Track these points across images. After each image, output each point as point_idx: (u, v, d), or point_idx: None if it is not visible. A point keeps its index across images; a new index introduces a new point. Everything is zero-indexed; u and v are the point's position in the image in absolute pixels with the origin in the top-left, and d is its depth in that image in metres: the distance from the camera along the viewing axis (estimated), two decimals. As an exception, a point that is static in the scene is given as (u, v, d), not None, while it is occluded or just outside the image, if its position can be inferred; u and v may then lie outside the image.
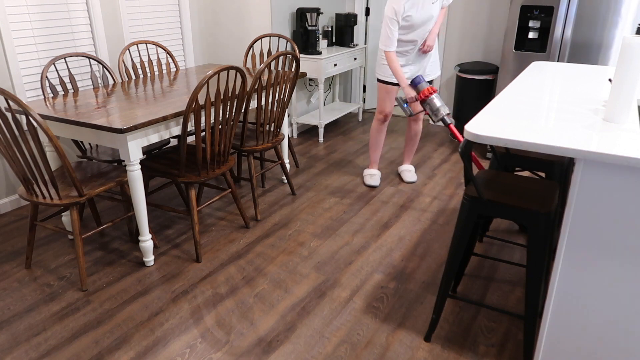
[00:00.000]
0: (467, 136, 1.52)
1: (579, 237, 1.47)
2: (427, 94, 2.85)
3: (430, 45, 3.11)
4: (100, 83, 3.54)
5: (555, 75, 2.40)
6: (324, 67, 4.19)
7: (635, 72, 1.50)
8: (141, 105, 2.50)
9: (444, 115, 2.82)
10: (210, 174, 2.56)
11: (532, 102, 1.86)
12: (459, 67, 4.25)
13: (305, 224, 2.95)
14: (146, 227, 2.47)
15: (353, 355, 1.93)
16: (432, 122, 2.89)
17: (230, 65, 2.37)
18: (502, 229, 2.88)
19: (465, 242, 1.81)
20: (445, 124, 2.84)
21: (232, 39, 4.28)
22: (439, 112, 2.84)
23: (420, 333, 2.05)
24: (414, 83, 2.92)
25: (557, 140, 1.42)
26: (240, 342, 2.00)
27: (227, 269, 2.51)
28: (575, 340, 1.60)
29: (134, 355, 1.93)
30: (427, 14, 2.97)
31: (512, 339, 2.01)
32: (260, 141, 2.97)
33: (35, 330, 2.08)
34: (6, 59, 2.93)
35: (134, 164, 2.31)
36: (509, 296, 2.27)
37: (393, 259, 2.59)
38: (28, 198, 2.26)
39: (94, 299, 2.28)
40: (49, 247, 2.72)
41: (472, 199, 1.74)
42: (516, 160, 2.21)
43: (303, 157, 4.07)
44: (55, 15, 3.16)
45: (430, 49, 3.12)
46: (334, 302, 2.25)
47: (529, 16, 3.47)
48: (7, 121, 1.99)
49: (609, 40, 3.31)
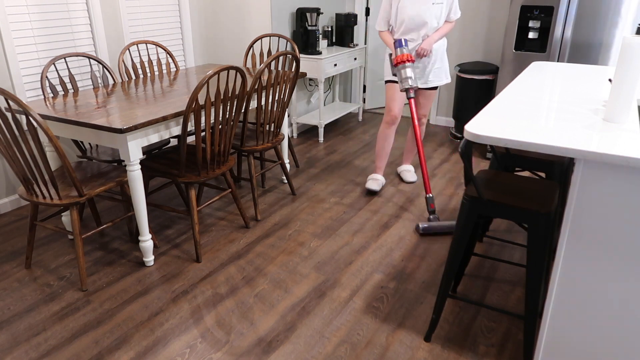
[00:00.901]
0: (467, 136, 1.52)
1: (579, 237, 1.47)
2: (399, 60, 2.77)
3: (425, 49, 2.98)
4: (100, 83, 3.54)
5: (555, 75, 2.40)
6: (324, 67, 4.19)
7: (635, 72, 1.50)
8: (141, 105, 2.50)
9: (408, 87, 2.75)
10: (210, 174, 2.56)
11: (532, 102, 1.86)
12: (459, 67, 4.25)
13: (305, 224, 2.95)
14: (146, 227, 2.47)
15: (353, 355, 1.93)
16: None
17: (230, 65, 2.37)
18: (502, 229, 2.88)
19: (465, 242, 1.81)
20: (407, 97, 2.78)
21: (232, 39, 4.28)
22: (405, 82, 2.78)
23: (420, 333, 2.05)
24: (395, 45, 2.87)
25: (557, 140, 1.42)
26: (240, 342, 2.00)
27: (227, 269, 2.51)
28: (575, 340, 1.60)
29: (134, 355, 1.93)
30: (423, 12, 2.90)
31: (512, 339, 2.01)
32: (260, 141, 2.97)
33: (35, 330, 2.08)
34: (6, 59, 2.93)
35: (134, 164, 2.31)
36: (509, 296, 2.27)
37: (393, 259, 2.59)
38: (28, 198, 2.26)
39: (94, 299, 2.28)
40: (49, 247, 2.72)
41: (472, 199, 1.74)
42: (516, 160, 2.21)
43: (303, 157, 4.07)
44: (55, 15, 3.16)
45: (425, 53, 2.99)
46: (334, 302, 2.25)
47: (529, 16, 3.47)
48: (7, 121, 1.99)
49: (609, 40, 3.31)
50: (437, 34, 3.00)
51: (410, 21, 2.95)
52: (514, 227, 2.91)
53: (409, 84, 2.73)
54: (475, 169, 3.77)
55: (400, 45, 2.81)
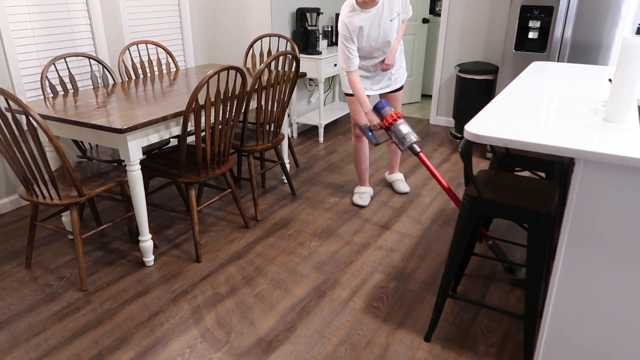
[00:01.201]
0: (467, 136, 1.52)
1: (579, 237, 1.47)
2: (390, 120, 2.51)
3: (389, 64, 2.90)
4: (100, 83, 3.54)
5: (555, 75, 2.40)
6: (324, 67, 4.19)
7: (635, 72, 1.50)
8: (141, 105, 2.50)
9: (412, 142, 2.47)
10: (210, 174, 2.56)
11: (532, 102, 1.86)
12: (459, 67, 4.25)
13: (305, 224, 2.95)
14: (146, 227, 2.47)
15: (353, 355, 1.93)
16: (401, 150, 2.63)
17: (230, 65, 2.37)
18: (502, 229, 2.88)
19: (465, 242, 1.81)
20: (414, 153, 2.48)
21: (232, 39, 4.28)
22: (405, 140, 2.49)
23: (420, 333, 2.05)
24: (377, 109, 2.60)
25: (557, 140, 1.42)
26: (240, 342, 2.00)
27: (227, 269, 2.51)
28: (575, 340, 1.60)
29: (134, 355, 1.93)
30: (385, 32, 2.74)
31: (512, 339, 2.01)
32: (260, 141, 2.97)
33: (35, 330, 2.08)
34: (6, 59, 2.93)
35: (134, 164, 2.31)
36: (509, 296, 2.27)
37: (393, 259, 2.59)
38: (28, 198, 2.26)
39: (94, 299, 2.28)
40: (49, 247, 2.72)
41: (472, 199, 1.74)
42: (516, 160, 2.21)
43: (303, 157, 4.07)
44: (55, 15, 3.16)
45: (390, 67, 2.91)
46: (334, 302, 2.25)
47: (529, 16, 3.47)
48: (7, 121, 1.99)
49: (609, 40, 3.31)
50: (396, 43, 2.90)
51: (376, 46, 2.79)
52: (514, 227, 2.91)
53: (412, 140, 2.47)
54: (475, 169, 3.77)
55: (383, 106, 2.57)
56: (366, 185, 3.27)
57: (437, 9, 5.79)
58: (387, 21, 2.71)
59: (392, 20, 2.72)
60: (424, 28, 5.44)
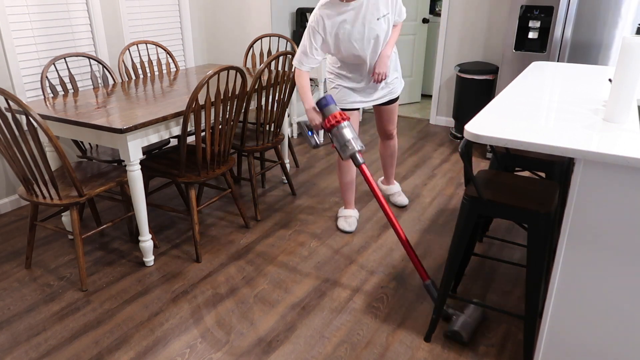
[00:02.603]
0: (467, 136, 1.52)
1: (579, 237, 1.47)
2: (333, 121, 2.17)
3: (381, 73, 2.52)
4: (100, 83, 3.54)
5: (555, 75, 2.40)
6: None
7: (635, 72, 1.50)
8: (141, 105, 2.50)
9: (355, 151, 2.14)
10: (210, 174, 2.56)
11: (532, 102, 1.86)
12: (459, 67, 4.25)
13: (305, 224, 2.95)
14: (146, 227, 2.47)
15: (353, 355, 1.93)
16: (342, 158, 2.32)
17: (230, 65, 2.37)
18: (502, 229, 2.88)
19: (465, 242, 1.81)
20: (356, 164, 2.17)
21: (232, 39, 4.28)
22: (347, 148, 2.16)
23: (420, 333, 2.05)
24: (320, 105, 2.26)
25: (557, 140, 1.42)
26: (240, 342, 2.00)
27: (227, 269, 2.51)
28: (575, 340, 1.60)
29: (134, 355, 1.94)
30: (371, 31, 2.43)
31: (512, 339, 2.01)
32: (260, 141, 2.97)
33: (35, 330, 2.08)
34: (6, 59, 2.93)
35: (134, 164, 2.31)
36: (509, 296, 2.27)
37: (393, 259, 2.59)
38: (28, 198, 2.26)
39: (94, 299, 2.28)
40: (49, 247, 2.72)
41: (472, 199, 1.74)
42: (516, 160, 2.21)
43: (303, 157, 4.07)
44: (55, 15, 3.16)
45: (382, 77, 2.54)
46: (334, 302, 2.25)
47: (529, 16, 3.47)
48: (7, 121, 1.99)
49: (609, 40, 3.31)
50: (388, 48, 2.53)
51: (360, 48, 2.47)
52: (514, 227, 2.91)
53: (355, 147, 2.13)
54: (475, 169, 3.77)
55: (328, 103, 2.21)
56: (351, 207, 2.90)
57: (437, 9, 5.79)
58: (373, 20, 2.41)
59: (378, 19, 2.42)
60: (424, 28, 5.44)
